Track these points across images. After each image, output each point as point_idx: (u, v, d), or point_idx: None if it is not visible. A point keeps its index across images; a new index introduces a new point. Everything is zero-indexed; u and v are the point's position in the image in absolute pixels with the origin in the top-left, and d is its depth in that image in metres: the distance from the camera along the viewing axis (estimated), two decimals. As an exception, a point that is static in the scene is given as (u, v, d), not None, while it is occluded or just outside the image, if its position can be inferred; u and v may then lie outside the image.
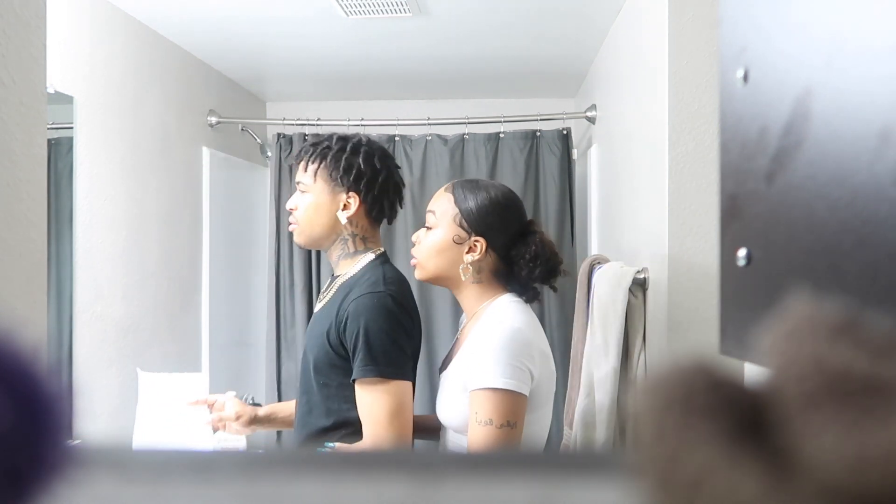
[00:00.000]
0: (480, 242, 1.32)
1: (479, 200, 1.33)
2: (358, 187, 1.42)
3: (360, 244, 1.45)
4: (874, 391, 0.18)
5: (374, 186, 1.43)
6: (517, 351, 1.24)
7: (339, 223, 1.43)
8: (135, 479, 0.29)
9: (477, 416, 1.23)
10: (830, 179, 0.36)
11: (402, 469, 0.29)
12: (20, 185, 0.89)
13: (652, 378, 0.22)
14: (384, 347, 1.31)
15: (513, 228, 1.34)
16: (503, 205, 1.34)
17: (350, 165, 1.42)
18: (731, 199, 0.45)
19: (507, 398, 1.21)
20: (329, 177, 1.42)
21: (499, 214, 1.33)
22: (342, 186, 1.42)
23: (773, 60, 0.41)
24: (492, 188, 1.36)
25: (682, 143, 1.56)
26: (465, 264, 1.33)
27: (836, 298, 0.35)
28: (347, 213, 1.42)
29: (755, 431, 0.20)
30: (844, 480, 0.17)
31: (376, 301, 1.33)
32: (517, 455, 0.32)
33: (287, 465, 0.30)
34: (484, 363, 1.24)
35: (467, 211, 1.33)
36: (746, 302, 0.43)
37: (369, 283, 1.37)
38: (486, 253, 1.33)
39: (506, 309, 1.32)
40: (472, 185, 1.36)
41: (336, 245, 1.46)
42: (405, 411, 1.32)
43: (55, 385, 0.23)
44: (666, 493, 0.19)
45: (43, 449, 0.22)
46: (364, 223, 1.45)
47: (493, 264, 1.35)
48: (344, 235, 1.44)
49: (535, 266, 1.31)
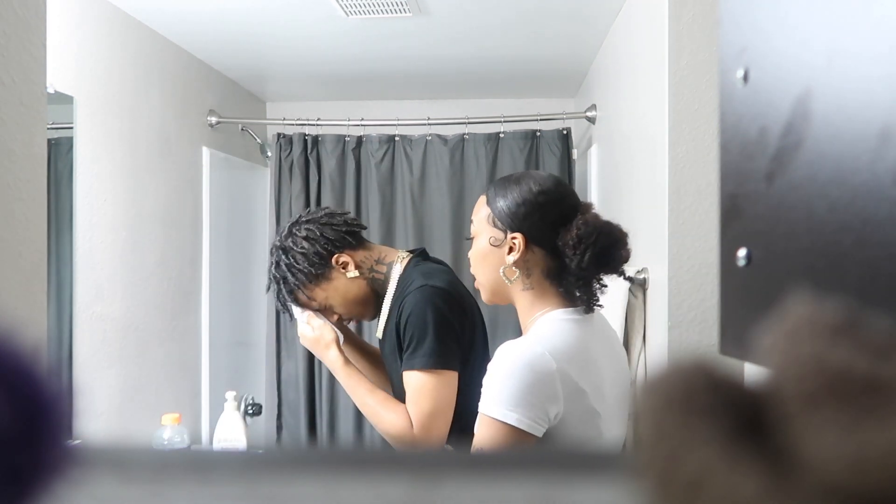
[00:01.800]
0: (518, 239, 1.16)
1: (508, 195, 1.18)
2: (332, 253, 1.51)
3: (381, 268, 1.53)
4: (874, 391, 0.18)
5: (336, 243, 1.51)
6: (530, 379, 1.06)
7: (353, 281, 1.51)
8: (135, 479, 0.29)
9: (474, 437, 1.09)
10: (830, 179, 0.36)
11: (402, 469, 0.29)
12: (20, 185, 0.89)
13: (652, 378, 0.22)
14: (425, 339, 1.35)
15: (551, 216, 1.15)
16: (536, 192, 1.16)
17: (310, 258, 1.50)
18: (731, 199, 0.45)
19: (505, 432, 1.05)
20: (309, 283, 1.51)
21: (531, 204, 1.16)
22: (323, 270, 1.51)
23: (773, 60, 0.41)
24: (523, 179, 1.19)
25: (682, 143, 1.56)
26: (506, 266, 1.17)
27: (836, 298, 0.35)
28: (349, 271, 1.51)
29: (755, 431, 0.20)
30: (844, 480, 0.17)
31: (419, 297, 1.38)
32: (517, 455, 0.32)
33: (287, 465, 0.30)
34: (493, 383, 1.08)
35: (498, 209, 1.18)
36: (746, 302, 0.43)
37: (411, 286, 1.42)
38: (529, 250, 1.17)
39: (547, 328, 1.14)
40: (504, 181, 1.22)
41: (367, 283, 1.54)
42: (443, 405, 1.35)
43: (55, 385, 0.23)
44: (666, 493, 0.19)
45: (43, 449, 0.22)
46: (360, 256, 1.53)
47: (541, 263, 1.17)
48: (366, 277, 1.53)
49: (582, 251, 1.10)
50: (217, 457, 0.33)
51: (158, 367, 2.39)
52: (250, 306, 3.17)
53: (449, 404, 1.36)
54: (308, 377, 2.98)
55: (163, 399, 2.40)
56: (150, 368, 2.33)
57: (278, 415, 3.02)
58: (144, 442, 2.21)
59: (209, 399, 2.74)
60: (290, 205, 2.99)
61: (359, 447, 1.69)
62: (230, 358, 2.96)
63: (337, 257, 1.50)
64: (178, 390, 2.54)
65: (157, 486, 0.29)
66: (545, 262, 1.17)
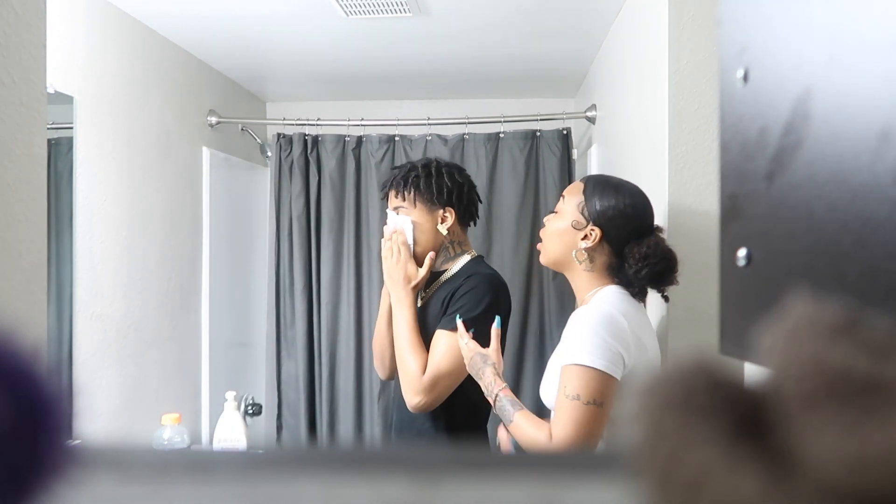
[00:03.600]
0: (596, 232, 1.37)
1: (604, 195, 1.39)
2: (452, 202, 1.72)
3: (457, 248, 1.76)
4: (874, 391, 0.18)
5: (462, 198, 1.73)
6: (610, 333, 1.27)
7: (441, 234, 1.72)
8: (135, 479, 0.29)
9: (565, 389, 1.26)
10: (830, 179, 0.36)
11: (402, 469, 0.29)
12: (20, 185, 0.89)
13: (652, 378, 0.22)
14: (479, 319, 1.57)
15: (630, 227, 1.37)
16: (626, 203, 1.38)
17: (441, 186, 1.71)
18: (731, 199, 0.45)
19: (595, 376, 1.24)
20: (425, 199, 1.71)
21: (620, 211, 1.37)
22: (438, 205, 1.71)
23: (773, 60, 0.41)
24: (621, 187, 1.41)
25: (682, 143, 1.56)
26: (578, 249, 1.39)
27: (836, 298, 0.35)
28: (447, 224, 1.72)
29: (755, 431, 0.20)
30: (844, 480, 0.17)
31: (488, 280, 1.65)
32: (517, 455, 0.32)
33: (287, 465, 0.30)
34: (577, 341, 1.28)
35: (591, 202, 1.39)
36: (746, 302, 0.43)
37: (480, 271, 1.69)
38: (601, 244, 1.38)
39: (609, 296, 1.36)
40: (604, 181, 1.43)
41: (440, 253, 1.75)
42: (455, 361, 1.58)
43: (55, 385, 0.23)
44: (666, 493, 0.19)
45: (43, 449, 0.22)
46: (457, 230, 1.75)
47: (606, 257, 1.39)
48: (445, 244, 1.74)
49: (642, 266, 1.34)
50: (217, 457, 0.33)
51: (158, 367, 2.39)
52: (250, 306, 3.17)
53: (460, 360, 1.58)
54: (308, 377, 2.98)
55: (163, 399, 2.40)
56: (150, 368, 2.33)
57: (278, 415, 3.02)
58: (144, 442, 2.21)
59: (209, 399, 2.74)
60: (290, 205, 2.99)
61: (359, 447, 1.69)
62: (230, 358, 2.96)
63: (448, 209, 1.72)
64: (178, 390, 2.54)
65: (157, 486, 0.29)
66: (610, 258, 1.39)
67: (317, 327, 2.99)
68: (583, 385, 1.24)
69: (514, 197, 2.87)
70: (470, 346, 1.51)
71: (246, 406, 2.70)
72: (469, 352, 1.50)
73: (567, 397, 1.25)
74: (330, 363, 2.97)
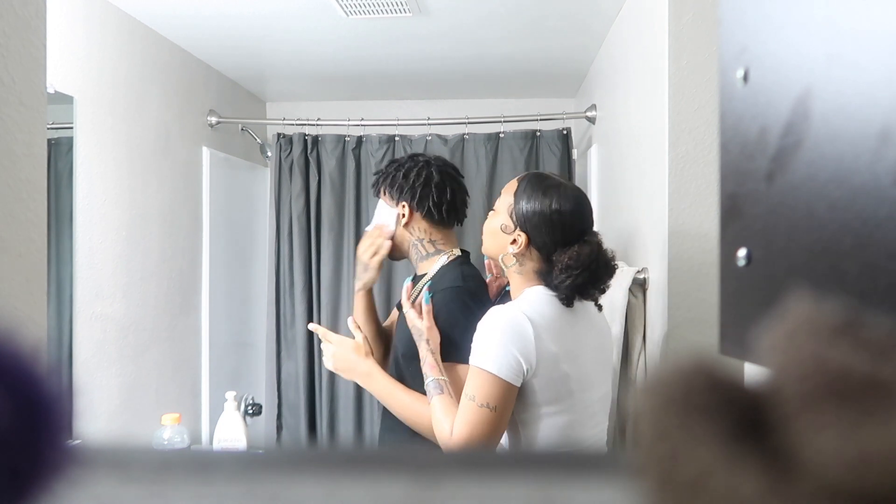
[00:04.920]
0: (522, 238, 1.34)
1: (532, 200, 1.33)
2: (405, 198, 1.63)
3: (429, 247, 1.66)
4: (874, 391, 0.18)
5: (415, 194, 1.63)
6: (509, 338, 1.25)
7: (406, 232, 1.65)
8: (135, 479, 0.29)
9: (466, 388, 1.27)
10: (830, 179, 0.36)
11: (402, 469, 0.29)
12: (20, 185, 0.89)
13: (652, 378, 0.22)
14: (460, 336, 1.47)
15: (557, 235, 1.32)
16: (553, 210, 1.32)
17: (394, 180, 1.65)
18: (731, 199, 0.45)
19: (489, 380, 1.24)
20: (389, 195, 1.66)
21: (546, 218, 1.32)
22: (394, 201, 1.65)
23: (773, 60, 0.41)
24: (553, 190, 1.34)
25: (682, 143, 1.56)
26: (506, 254, 1.37)
27: (836, 298, 0.35)
28: (403, 221, 1.64)
29: (755, 431, 0.20)
30: (844, 480, 0.17)
31: (454, 295, 1.52)
32: (517, 455, 0.32)
33: (287, 465, 0.30)
34: (481, 342, 1.28)
35: (519, 206, 1.35)
36: (746, 302, 0.43)
37: (449, 279, 1.56)
38: (528, 249, 1.34)
39: (530, 297, 1.33)
40: (536, 183, 1.36)
41: (411, 250, 1.67)
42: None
43: (55, 385, 0.23)
44: (666, 493, 0.19)
45: (43, 449, 0.22)
46: (425, 227, 1.64)
47: (535, 261, 1.35)
48: (413, 241, 1.66)
49: (566, 277, 1.29)
50: (217, 457, 0.33)
51: (158, 367, 2.39)
52: (250, 306, 3.17)
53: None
54: (308, 377, 2.99)
55: (163, 399, 2.40)
56: (150, 368, 2.33)
57: (278, 415, 3.02)
58: (144, 442, 2.21)
59: (209, 399, 2.74)
60: (290, 205, 2.99)
61: (359, 447, 1.69)
62: (230, 358, 2.96)
63: (402, 204, 1.64)
64: (178, 390, 2.54)
65: (157, 486, 0.29)
66: (539, 263, 1.35)
67: (317, 327, 2.99)
68: (478, 387, 1.25)
69: (514, 197, 2.87)
70: (416, 325, 1.48)
71: (246, 406, 2.70)
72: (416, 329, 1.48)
73: (466, 396, 1.26)
74: (330, 363, 2.97)
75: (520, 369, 1.25)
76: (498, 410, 1.24)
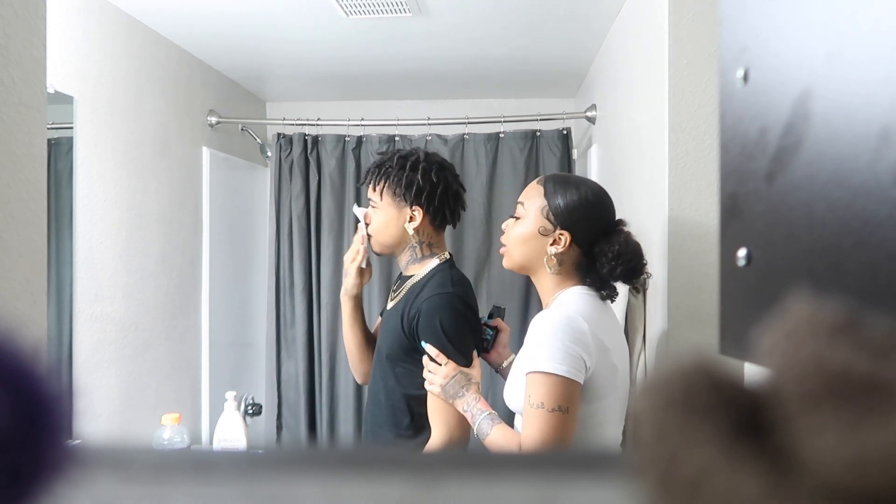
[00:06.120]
0: (565, 236, 1.34)
1: (567, 196, 1.35)
2: (420, 201, 1.60)
3: (426, 250, 1.64)
4: (874, 391, 0.18)
5: (434, 198, 1.61)
6: (570, 337, 1.25)
7: (407, 234, 1.62)
8: (135, 479, 0.29)
9: (530, 398, 1.25)
10: (830, 179, 0.36)
11: (402, 469, 0.29)
12: (20, 185, 0.89)
13: (652, 378, 0.22)
14: (451, 341, 1.48)
15: (598, 225, 1.35)
16: (591, 202, 1.35)
17: (411, 182, 1.60)
18: (731, 199, 0.45)
19: (557, 382, 1.23)
20: (394, 194, 1.61)
21: (585, 211, 1.34)
22: (406, 202, 1.61)
23: (773, 60, 0.41)
24: (582, 185, 1.37)
25: (682, 143, 1.56)
26: (548, 255, 1.35)
27: (836, 298, 0.35)
28: (413, 225, 1.61)
29: (755, 431, 0.20)
30: (844, 480, 0.17)
31: (446, 301, 1.51)
32: (517, 455, 0.32)
33: (287, 465, 0.30)
34: (538, 348, 1.27)
35: (555, 205, 1.35)
36: (746, 302, 0.43)
37: (438, 284, 1.55)
38: (570, 247, 1.35)
39: (571, 298, 1.34)
40: (563, 181, 1.39)
41: (405, 252, 1.65)
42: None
43: (55, 385, 0.23)
44: (666, 493, 0.19)
45: (43, 449, 0.22)
46: (429, 231, 1.64)
47: (575, 258, 1.36)
48: (412, 243, 1.63)
49: (616, 264, 1.31)
50: (217, 457, 0.33)
51: (158, 367, 2.39)
52: (250, 306, 3.17)
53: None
54: (308, 377, 2.99)
55: (163, 399, 2.40)
56: (150, 368, 2.33)
57: (278, 415, 3.02)
58: (144, 442, 2.21)
59: (209, 399, 2.74)
60: (290, 205, 2.99)
61: (359, 447, 1.70)
62: (230, 358, 2.96)
63: (416, 207, 1.61)
64: (178, 390, 2.54)
65: (157, 486, 0.29)
66: (579, 258, 1.36)
67: (317, 327, 2.99)
68: (546, 392, 1.23)
69: (513, 197, 2.86)
70: (449, 368, 1.45)
71: (246, 406, 2.70)
72: (448, 374, 1.45)
73: (532, 406, 1.25)
74: (330, 363, 2.97)
75: (582, 366, 1.25)
76: (570, 411, 1.24)
